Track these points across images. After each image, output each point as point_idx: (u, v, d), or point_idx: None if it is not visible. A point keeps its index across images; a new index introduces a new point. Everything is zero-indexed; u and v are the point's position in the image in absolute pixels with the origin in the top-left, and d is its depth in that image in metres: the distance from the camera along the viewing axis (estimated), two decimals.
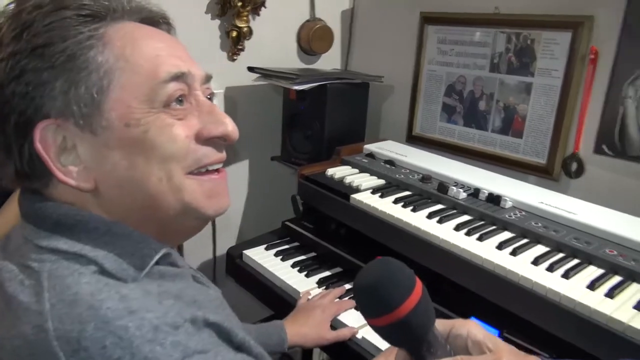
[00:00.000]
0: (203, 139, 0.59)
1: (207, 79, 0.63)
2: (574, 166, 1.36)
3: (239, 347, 0.56)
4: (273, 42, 1.80)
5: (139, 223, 0.58)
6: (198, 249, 1.86)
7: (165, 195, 0.57)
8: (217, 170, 0.62)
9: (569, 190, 1.36)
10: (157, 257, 0.56)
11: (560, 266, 0.98)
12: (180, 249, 1.75)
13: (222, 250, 1.79)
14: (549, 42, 1.37)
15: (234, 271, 1.44)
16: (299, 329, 1.09)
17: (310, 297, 1.22)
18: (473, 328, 0.69)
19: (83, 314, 0.47)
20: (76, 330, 0.46)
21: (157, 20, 0.63)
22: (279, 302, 1.28)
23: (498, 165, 1.51)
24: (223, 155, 0.62)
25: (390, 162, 1.49)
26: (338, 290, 1.23)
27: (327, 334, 1.10)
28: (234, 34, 1.67)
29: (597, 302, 0.87)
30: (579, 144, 1.35)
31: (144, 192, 0.56)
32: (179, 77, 0.57)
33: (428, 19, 1.66)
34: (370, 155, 1.56)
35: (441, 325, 0.69)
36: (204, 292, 0.62)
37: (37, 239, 0.54)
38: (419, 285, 0.58)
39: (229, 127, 0.60)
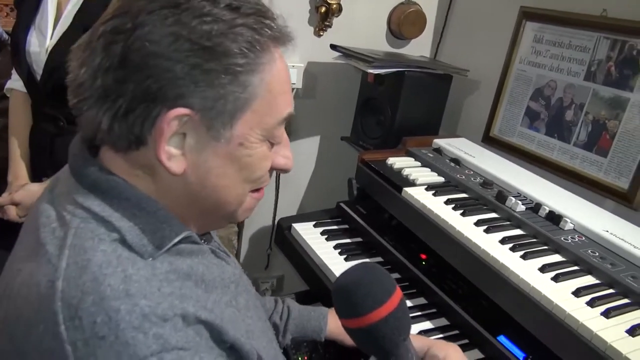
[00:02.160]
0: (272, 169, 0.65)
1: None
2: None
3: (230, 346, 0.58)
4: (362, 21, 1.78)
5: (183, 213, 0.61)
6: (261, 215, 1.94)
7: (230, 205, 0.63)
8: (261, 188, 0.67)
9: None
10: (176, 240, 0.58)
11: (604, 303, 0.89)
12: None
13: None
14: None
15: (281, 241, 1.49)
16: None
17: None
18: (452, 353, 0.67)
19: (86, 284, 0.50)
20: (77, 298, 0.49)
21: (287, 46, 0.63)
22: (314, 279, 1.30)
23: (575, 183, 1.39)
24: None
25: (456, 160, 1.43)
26: None
27: None
28: (323, 9, 1.68)
29: (632, 349, 0.79)
30: None
31: (217, 198, 0.61)
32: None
33: (528, 14, 1.53)
34: (438, 150, 1.51)
35: (420, 342, 0.67)
36: (219, 268, 0.64)
37: (76, 194, 0.57)
38: (395, 298, 0.58)
39: (291, 164, 0.66)
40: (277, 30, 0.58)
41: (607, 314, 0.87)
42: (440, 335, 1.09)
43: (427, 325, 1.11)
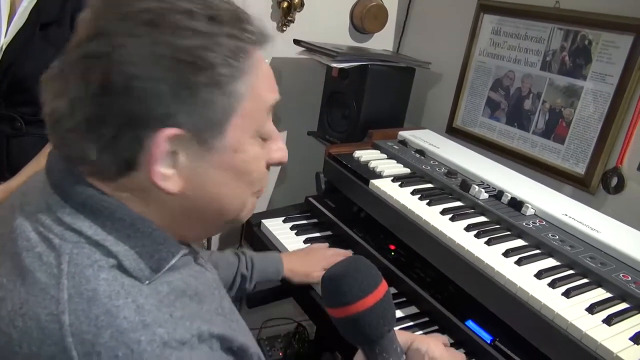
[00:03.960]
0: (268, 165, 0.64)
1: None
2: (614, 181, 1.26)
3: (237, 351, 0.59)
4: (325, 16, 1.79)
5: (180, 227, 0.60)
6: None
7: (233, 211, 0.62)
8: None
9: (604, 206, 1.27)
10: (172, 261, 0.57)
11: (565, 284, 0.93)
12: None
13: None
14: (608, 44, 1.27)
15: (251, 238, 1.48)
16: (292, 265, 1.17)
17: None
18: (433, 345, 0.69)
19: (100, 318, 0.48)
20: (92, 333, 0.48)
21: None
22: None
23: (534, 170, 1.44)
24: None
25: (421, 151, 1.46)
26: (344, 252, 1.26)
27: (314, 273, 1.17)
28: (285, 4, 1.67)
29: (590, 326, 0.82)
30: (624, 159, 1.25)
31: (219, 206, 0.60)
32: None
33: (485, 7, 1.57)
34: (403, 142, 1.53)
35: (403, 336, 0.69)
36: (202, 275, 0.64)
37: (62, 213, 0.54)
38: (381, 289, 0.60)
39: (286, 155, 0.66)
40: (257, 33, 0.57)
41: (567, 294, 0.90)
42: (411, 323, 1.11)
43: (397, 314, 1.13)
